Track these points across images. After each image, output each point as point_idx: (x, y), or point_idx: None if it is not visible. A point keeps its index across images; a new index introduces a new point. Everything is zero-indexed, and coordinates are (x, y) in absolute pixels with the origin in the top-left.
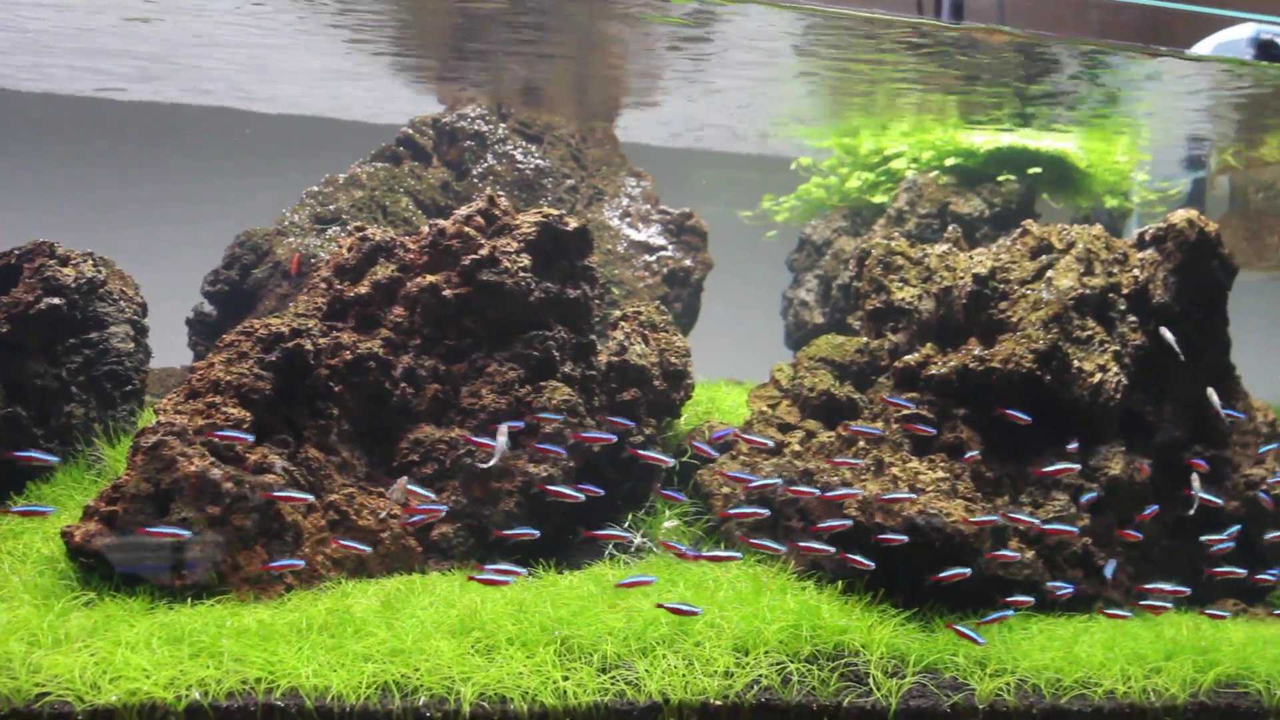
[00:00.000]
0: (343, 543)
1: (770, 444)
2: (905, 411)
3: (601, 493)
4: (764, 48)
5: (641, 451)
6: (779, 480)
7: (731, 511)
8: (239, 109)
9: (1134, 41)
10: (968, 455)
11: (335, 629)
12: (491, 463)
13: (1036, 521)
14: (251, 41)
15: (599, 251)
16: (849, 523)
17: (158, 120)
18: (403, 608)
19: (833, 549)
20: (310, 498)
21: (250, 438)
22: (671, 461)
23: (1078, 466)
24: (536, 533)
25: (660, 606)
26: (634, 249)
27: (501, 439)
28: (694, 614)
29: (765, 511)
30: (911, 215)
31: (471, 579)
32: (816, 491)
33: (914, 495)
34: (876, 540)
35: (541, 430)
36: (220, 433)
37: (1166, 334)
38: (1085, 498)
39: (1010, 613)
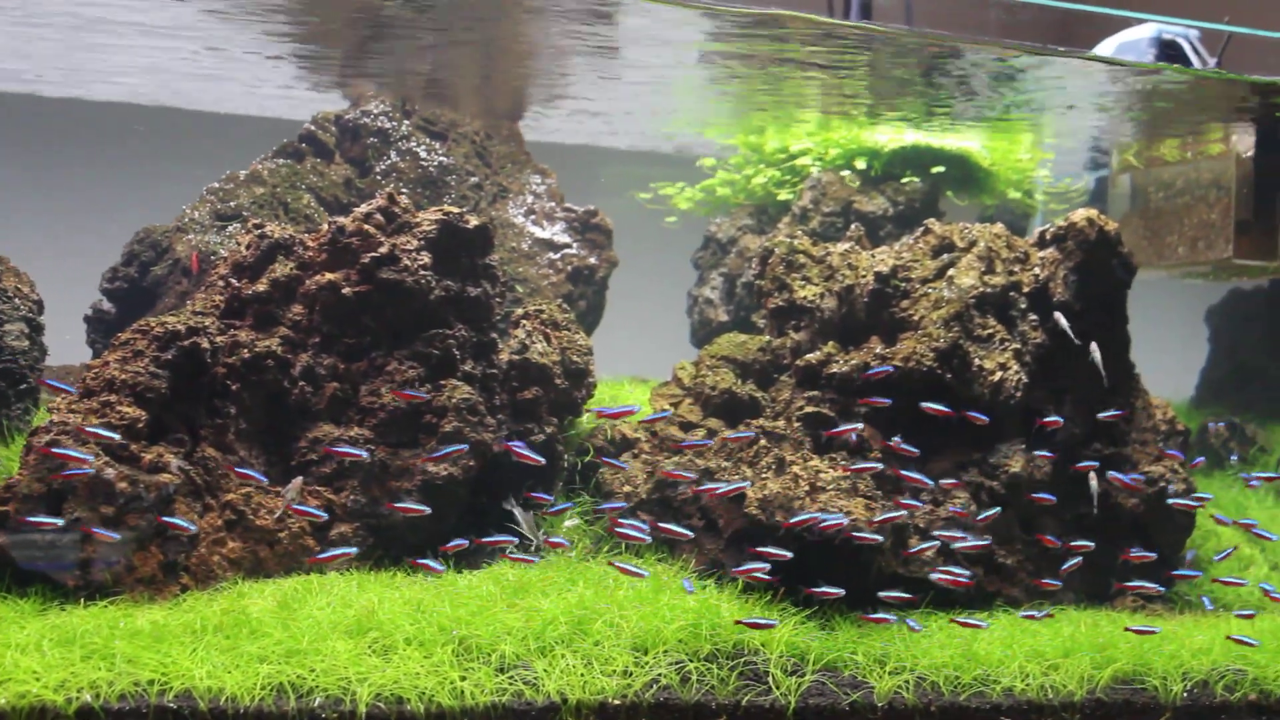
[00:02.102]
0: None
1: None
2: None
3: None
4: (670, 45)
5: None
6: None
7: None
8: (134, 104)
9: (1039, 41)
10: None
11: (230, 630)
12: None
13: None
14: (145, 37)
15: (503, 249)
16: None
17: (46, 116)
18: (300, 608)
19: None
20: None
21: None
22: (543, 461)
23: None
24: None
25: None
26: (538, 246)
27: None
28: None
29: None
30: (816, 213)
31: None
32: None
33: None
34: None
35: (441, 429)
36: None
37: (1061, 320)
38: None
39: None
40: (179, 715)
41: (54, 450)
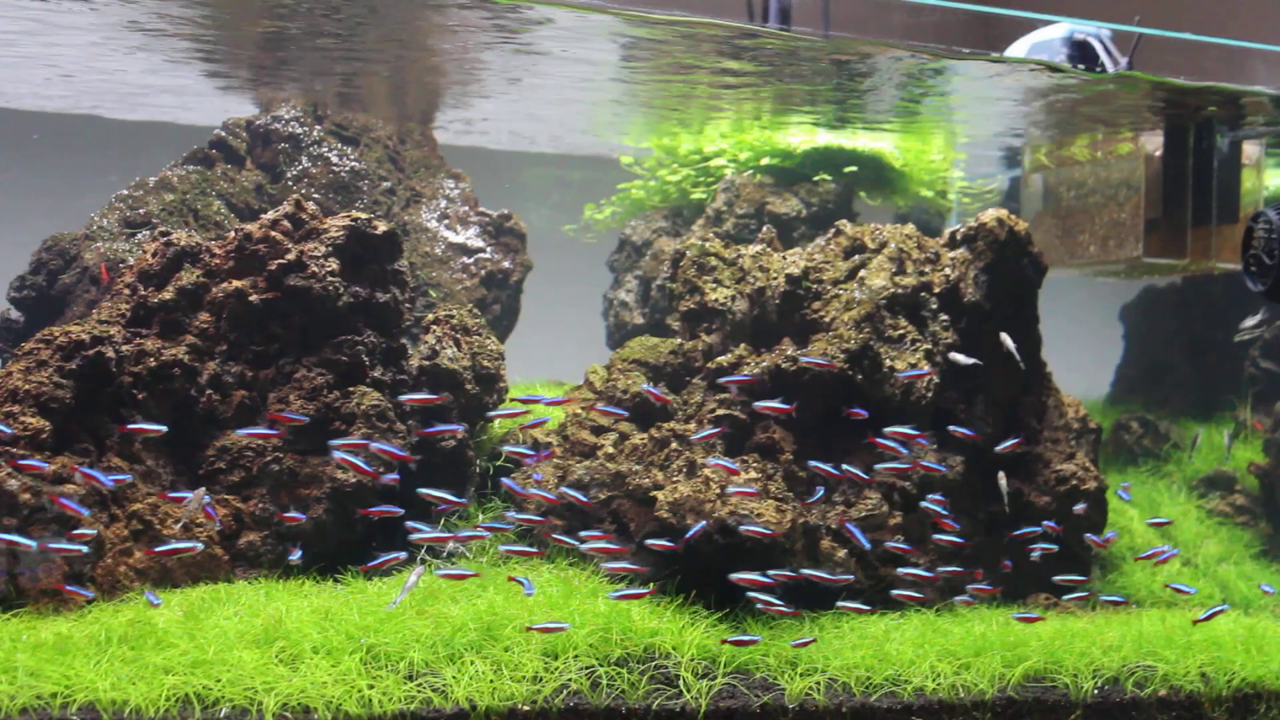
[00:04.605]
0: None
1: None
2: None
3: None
4: (584, 47)
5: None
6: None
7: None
8: (38, 111)
9: (951, 43)
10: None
11: (136, 641)
12: None
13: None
14: (49, 40)
15: (415, 254)
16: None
17: None
18: (206, 618)
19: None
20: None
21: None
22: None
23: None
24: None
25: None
26: (452, 251)
27: None
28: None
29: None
30: (730, 215)
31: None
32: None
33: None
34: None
35: (350, 436)
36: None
37: (959, 358)
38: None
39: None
40: None
41: None
